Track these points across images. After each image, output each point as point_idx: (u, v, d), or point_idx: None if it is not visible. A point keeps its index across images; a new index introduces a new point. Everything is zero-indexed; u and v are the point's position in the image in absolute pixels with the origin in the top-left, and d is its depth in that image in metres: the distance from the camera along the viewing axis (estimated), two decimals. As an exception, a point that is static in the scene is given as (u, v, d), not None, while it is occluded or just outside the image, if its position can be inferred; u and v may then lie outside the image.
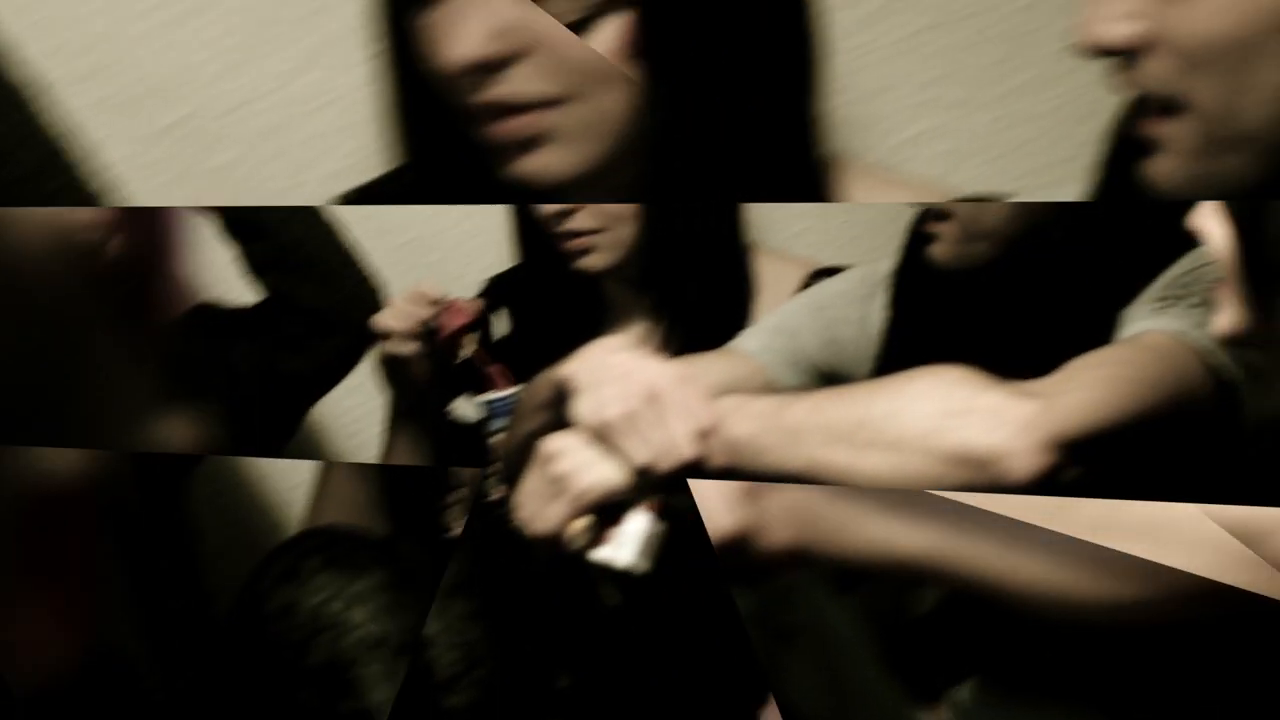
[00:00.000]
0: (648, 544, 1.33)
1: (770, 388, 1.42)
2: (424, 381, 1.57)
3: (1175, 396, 1.23)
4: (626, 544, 1.33)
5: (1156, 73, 1.19)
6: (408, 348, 1.55)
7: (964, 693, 1.27)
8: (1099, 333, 1.29)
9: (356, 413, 1.63)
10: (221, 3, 1.65)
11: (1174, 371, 1.23)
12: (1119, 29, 1.19)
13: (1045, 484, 1.20)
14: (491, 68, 1.41)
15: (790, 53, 1.46)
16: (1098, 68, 1.25)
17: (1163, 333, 1.25)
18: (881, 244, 1.47)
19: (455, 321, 1.55)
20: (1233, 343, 1.17)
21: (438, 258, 1.65)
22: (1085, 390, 1.22)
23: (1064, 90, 1.53)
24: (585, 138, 1.44)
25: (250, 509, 1.64)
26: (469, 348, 1.56)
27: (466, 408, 1.59)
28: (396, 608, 1.43)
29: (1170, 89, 1.19)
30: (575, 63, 1.42)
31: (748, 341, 1.47)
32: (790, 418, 1.28)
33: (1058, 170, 1.43)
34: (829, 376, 1.43)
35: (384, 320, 1.55)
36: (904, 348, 1.40)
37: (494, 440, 1.54)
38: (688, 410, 1.29)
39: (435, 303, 1.55)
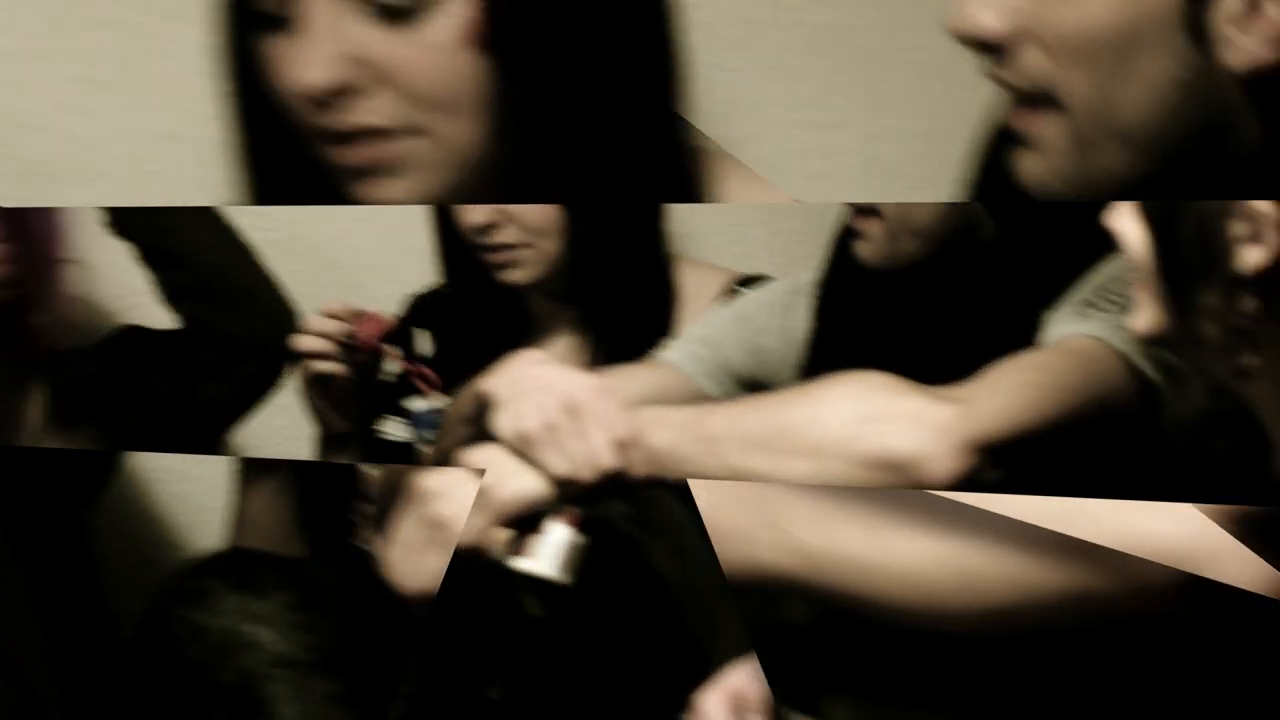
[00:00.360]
0: (567, 555, 1.33)
1: (695, 398, 1.42)
2: (350, 400, 1.56)
3: (1098, 400, 1.24)
4: (546, 555, 1.32)
5: (1029, 66, 1.19)
6: (330, 366, 1.54)
7: (841, 709, 1.27)
8: (1025, 334, 1.30)
9: (287, 432, 1.62)
10: (67, 43, 1.64)
11: (1096, 375, 1.24)
12: (991, 20, 1.18)
13: (966, 487, 1.20)
14: (341, 95, 1.40)
15: (649, 66, 1.46)
16: (969, 82, 1.25)
17: (1087, 336, 1.25)
18: (808, 252, 1.47)
19: (372, 330, 1.54)
20: (1150, 343, 1.18)
21: (359, 277, 1.64)
22: (1005, 395, 1.22)
23: (935, 108, 1.53)
24: (434, 168, 1.43)
25: (156, 534, 1.63)
26: (391, 357, 1.55)
27: (395, 427, 1.58)
28: (305, 627, 1.42)
29: (1043, 83, 1.19)
30: (426, 93, 1.40)
31: (672, 353, 1.47)
32: (710, 427, 1.28)
33: (930, 188, 1.43)
34: (753, 385, 1.43)
35: (303, 342, 1.54)
36: (830, 355, 1.39)
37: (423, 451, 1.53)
38: (607, 421, 1.29)
39: (348, 316, 1.54)
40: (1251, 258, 1.06)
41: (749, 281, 1.53)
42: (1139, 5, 1.13)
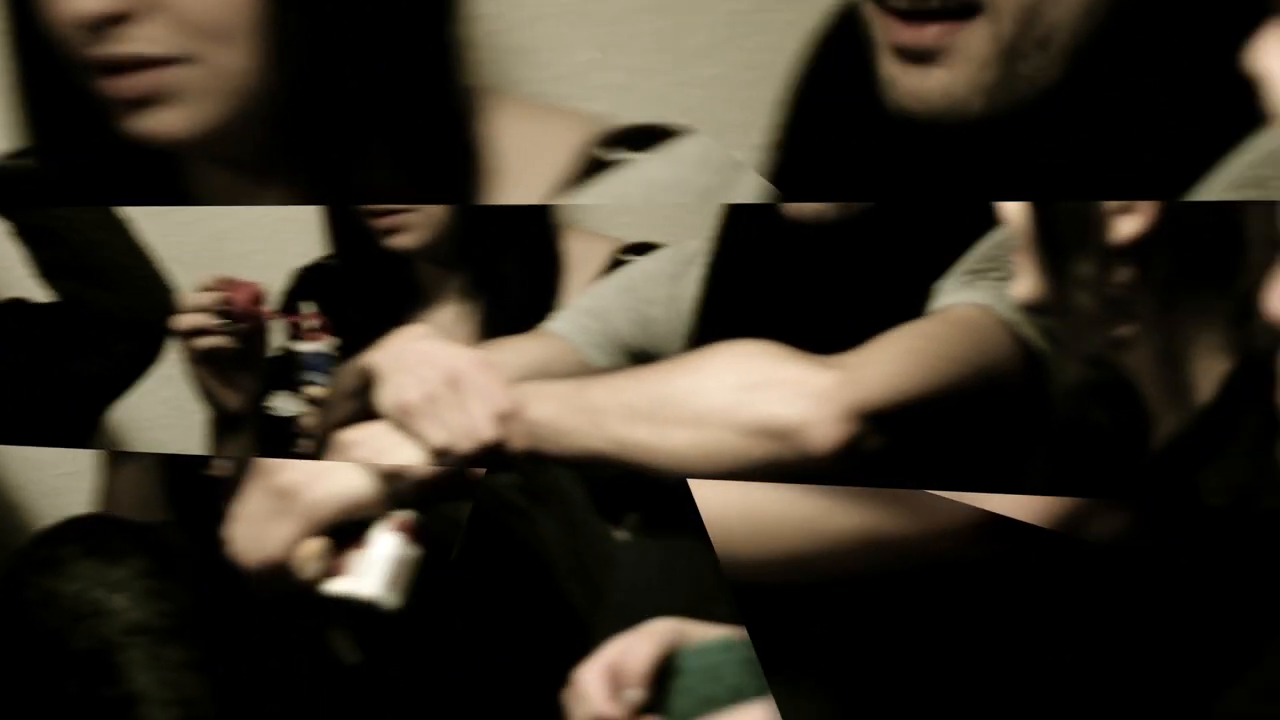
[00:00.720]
0: (397, 572, 1.27)
1: (583, 369, 1.41)
2: (240, 375, 1.55)
3: (983, 368, 1.24)
4: (370, 572, 1.26)
5: None
6: (213, 341, 1.53)
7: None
8: (916, 304, 1.30)
9: (173, 403, 1.59)
10: None
11: (980, 343, 1.24)
12: None
13: (850, 455, 1.20)
14: (113, 22, 1.38)
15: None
16: (780, 26, 1.22)
17: (971, 305, 1.25)
18: (697, 220, 1.46)
19: (247, 296, 1.52)
20: (1030, 311, 1.18)
21: (249, 248, 1.62)
22: (888, 362, 1.22)
23: (746, 53, 1.48)
24: (208, 97, 1.41)
25: (7, 502, 1.61)
26: (270, 317, 1.54)
27: (285, 402, 1.57)
28: (159, 593, 1.40)
29: None
30: (198, 21, 1.39)
31: (559, 324, 1.47)
32: (592, 398, 1.27)
33: (741, 136, 1.40)
34: (642, 356, 1.43)
35: (182, 320, 1.52)
36: (719, 325, 1.38)
37: (307, 411, 1.52)
38: (487, 393, 1.29)
39: (221, 285, 1.53)
40: (1125, 227, 1.07)
41: (637, 249, 1.53)
42: None
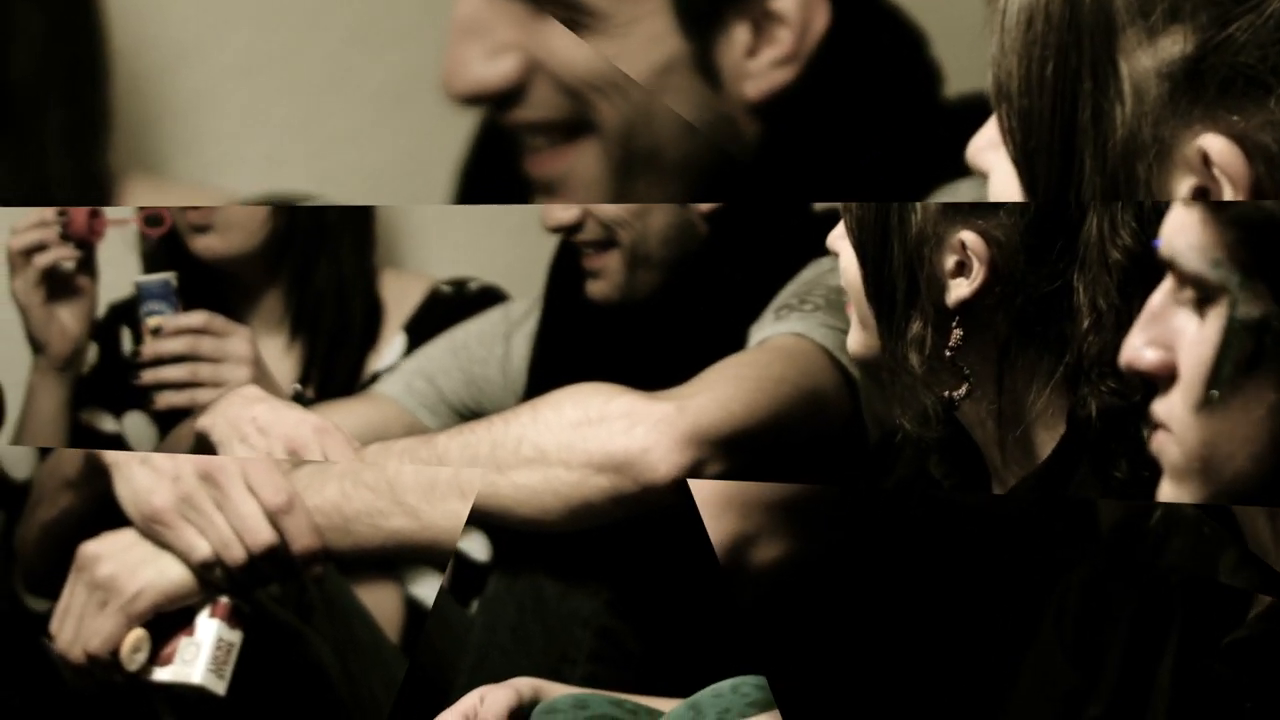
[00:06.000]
0: (219, 657, 1.23)
1: (414, 430, 1.41)
2: (70, 303, 1.51)
3: (806, 388, 1.28)
4: (194, 660, 1.22)
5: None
6: (51, 256, 1.49)
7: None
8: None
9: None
10: None
11: (801, 365, 1.28)
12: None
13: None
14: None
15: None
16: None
17: (787, 334, 1.30)
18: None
19: (84, 214, 1.49)
20: (861, 366, 1.20)
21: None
22: (717, 389, 1.25)
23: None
24: None
25: None
26: (110, 223, 1.51)
27: (102, 419, 1.55)
28: None
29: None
30: None
31: (389, 385, 1.48)
32: (437, 447, 1.27)
33: None
34: (473, 417, 1.41)
35: (18, 239, 1.49)
36: (553, 383, 1.38)
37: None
38: (333, 458, 1.27)
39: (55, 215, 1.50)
40: (959, 290, 1.08)
41: (451, 285, 1.55)
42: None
